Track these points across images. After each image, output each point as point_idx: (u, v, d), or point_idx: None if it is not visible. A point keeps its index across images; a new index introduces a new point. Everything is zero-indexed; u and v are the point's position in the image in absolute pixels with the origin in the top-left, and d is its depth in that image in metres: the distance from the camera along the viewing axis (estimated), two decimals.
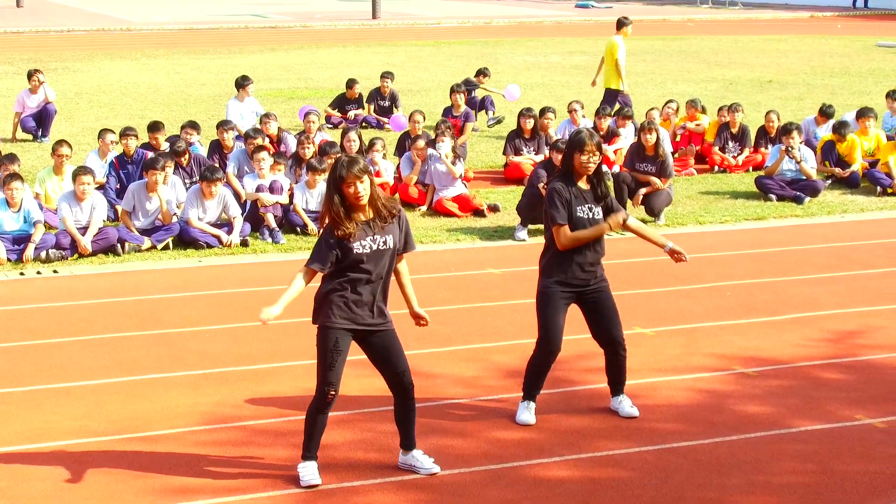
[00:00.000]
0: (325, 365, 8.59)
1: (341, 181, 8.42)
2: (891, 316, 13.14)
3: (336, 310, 8.57)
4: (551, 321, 9.82)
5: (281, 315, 8.40)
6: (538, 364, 10.01)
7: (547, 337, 9.86)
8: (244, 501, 8.51)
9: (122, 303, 14.03)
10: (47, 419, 10.18)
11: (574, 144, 9.76)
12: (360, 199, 8.46)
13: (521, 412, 10.10)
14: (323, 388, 8.61)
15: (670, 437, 9.68)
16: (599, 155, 9.73)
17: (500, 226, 17.97)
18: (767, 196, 19.80)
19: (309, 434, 8.82)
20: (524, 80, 35.15)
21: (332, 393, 8.61)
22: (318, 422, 8.78)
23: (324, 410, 8.72)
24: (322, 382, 8.62)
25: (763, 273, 15.15)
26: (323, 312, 8.62)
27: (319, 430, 8.81)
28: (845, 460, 9.19)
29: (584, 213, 9.74)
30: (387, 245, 8.61)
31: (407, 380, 8.81)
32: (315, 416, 8.76)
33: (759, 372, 11.31)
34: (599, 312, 9.92)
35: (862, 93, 31.83)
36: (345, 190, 8.44)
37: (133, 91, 32.28)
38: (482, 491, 8.67)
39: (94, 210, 16.38)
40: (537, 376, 10.06)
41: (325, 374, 8.59)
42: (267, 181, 17.70)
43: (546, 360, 9.97)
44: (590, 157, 9.69)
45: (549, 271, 9.85)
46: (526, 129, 21.39)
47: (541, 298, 9.89)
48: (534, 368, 10.04)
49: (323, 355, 8.60)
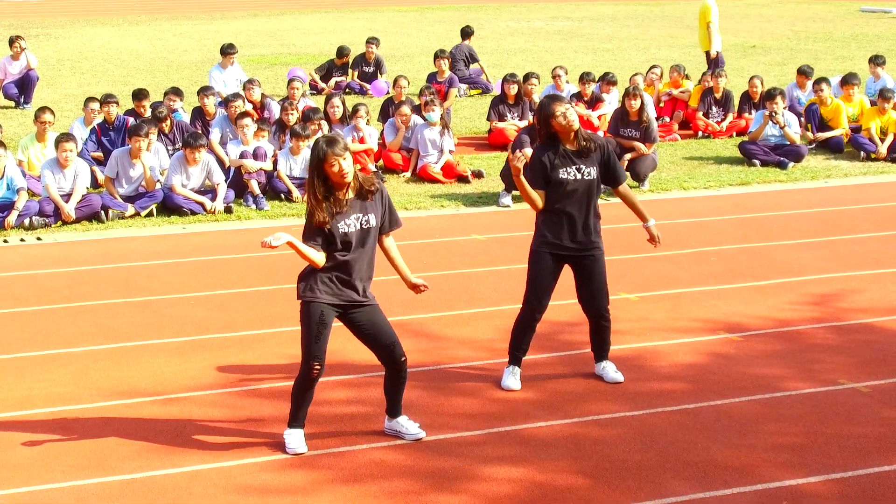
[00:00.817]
0: (309, 338, 8.57)
1: (323, 161, 8.38)
2: (874, 280, 13.18)
3: (321, 285, 8.54)
4: (538, 280, 9.82)
5: (282, 247, 8.30)
6: (523, 323, 10.00)
7: (533, 295, 9.86)
8: (230, 467, 8.51)
9: (105, 270, 14.00)
10: (31, 386, 10.16)
11: (545, 116, 9.68)
12: (344, 176, 8.42)
13: (507, 377, 10.10)
14: (309, 363, 8.60)
15: (655, 401, 9.70)
16: (571, 107, 9.67)
17: (485, 192, 17.96)
18: (751, 161, 19.82)
19: (296, 406, 8.81)
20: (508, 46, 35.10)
21: (318, 367, 8.60)
22: (306, 396, 8.77)
23: (310, 385, 8.71)
24: (308, 357, 8.60)
25: (747, 238, 15.17)
26: (308, 288, 8.59)
27: (307, 403, 8.81)
28: (829, 424, 9.22)
29: (568, 173, 9.66)
30: (370, 224, 8.58)
31: (398, 352, 8.78)
32: (302, 390, 8.75)
33: (743, 337, 11.33)
34: (587, 280, 9.90)
35: (845, 58, 31.84)
36: (328, 170, 8.40)
37: (115, 57, 32.15)
38: (468, 453, 8.68)
39: (77, 177, 16.32)
40: (522, 335, 10.04)
41: (310, 347, 8.58)
42: (251, 148, 17.65)
43: (531, 319, 9.96)
44: (564, 114, 9.61)
45: (539, 231, 9.84)
46: (510, 94, 21.36)
47: (531, 257, 9.88)
48: (519, 327, 10.04)
49: (307, 329, 8.58)
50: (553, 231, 9.76)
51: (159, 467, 8.51)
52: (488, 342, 11.20)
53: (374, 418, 9.08)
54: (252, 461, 8.61)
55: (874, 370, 10.43)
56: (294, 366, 10.48)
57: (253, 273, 13.72)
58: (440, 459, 8.63)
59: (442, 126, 18.97)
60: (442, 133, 18.92)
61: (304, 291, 8.61)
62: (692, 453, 8.69)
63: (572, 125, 9.66)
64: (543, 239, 9.80)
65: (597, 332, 10.13)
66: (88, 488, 8.19)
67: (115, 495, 8.08)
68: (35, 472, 8.44)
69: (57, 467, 8.52)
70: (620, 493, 8.09)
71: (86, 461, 8.61)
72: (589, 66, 28.34)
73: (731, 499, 7.97)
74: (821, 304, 12.32)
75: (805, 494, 8.03)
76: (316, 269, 8.56)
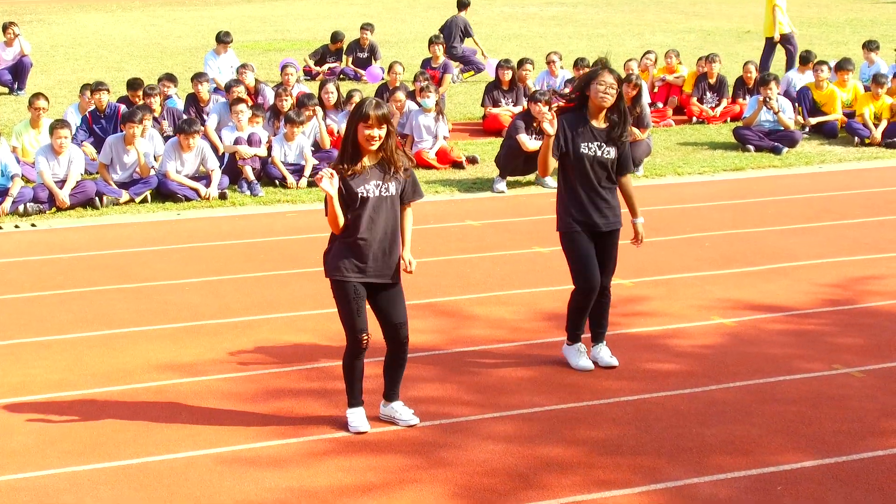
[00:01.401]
0: (350, 314, 8.58)
1: (363, 119, 8.36)
2: (868, 266, 13.19)
3: (347, 263, 8.52)
4: (584, 261, 9.81)
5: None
6: (581, 305, 9.97)
7: (583, 277, 9.84)
8: (226, 452, 8.52)
9: (100, 256, 14.01)
10: (26, 373, 10.16)
11: (589, 75, 9.71)
12: (371, 143, 8.41)
13: (578, 357, 10.10)
14: (355, 336, 8.61)
15: (650, 386, 9.72)
16: (617, 88, 9.60)
17: (479, 178, 17.97)
18: (745, 147, 19.85)
19: (350, 382, 8.81)
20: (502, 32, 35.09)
21: (366, 337, 8.63)
22: (356, 368, 8.77)
23: (359, 356, 8.71)
24: (353, 331, 8.61)
25: (741, 224, 15.19)
26: (334, 266, 8.57)
27: (359, 376, 8.81)
28: (823, 409, 9.24)
29: (589, 149, 9.65)
30: (389, 192, 8.54)
31: (403, 333, 8.79)
32: (352, 363, 8.75)
33: (737, 322, 11.35)
34: (602, 254, 9.90)
35: (839, 43, 31.86)
36: (360, 129, 8.39)
37: (109, 44, 32.12)
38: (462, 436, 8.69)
39: (71, 163, 16.32)
40: (580, 316, 10.03)
41: (354, 322, 8.59)
42: (245, 134, 17.65)
43: (588, 300, 9.93)
44: (606, 88, 9.59)
45: (566, 211, 9.81)
46: (504, 80, 21.37)
47: (566, 239, 9.87)
48: (576, 310, 10.01)
49: (345, 305, 8.59)
50: (580, 209, 9.76)
51: (155, 453, 8.52)
52: (483, 329, 11.21)
53: (370, 406, 9.08)
54: (248, 446, 8.61)
55: (868, 355, 10.44)
56: (288, 351, 10.55)
57: (247, 259, 13.72)
58: (435, 442, 8.63)
59: (436, 112, 18.96)
60: (436, 119, 18.92)
61: (333, 271, 8.61)
62: (687, 438, 8.70)
63: (604, 103, 9.63)
64: (572, 218, 9.79)
65: (596, 308, 10.10)
66: (84, 474, 8.20)
67: (111, 481, 8.09)
68: (31, 458, 8.44)
69: (53, 453, 8.53)
70: (615, 478, 8.10)
71: (82, 447, 8.62)
72: (583, 51, 28.32)
73: (726, 483, 7.99)
74: (814, 290, 12.33)
75: (799, 479, 8.05)
76: (339, 248, 8.54)
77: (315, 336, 10.99)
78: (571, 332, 10.16)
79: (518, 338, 10.92)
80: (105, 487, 8.01)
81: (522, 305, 11.84)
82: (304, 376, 9.99)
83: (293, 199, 16.73)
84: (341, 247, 8.57)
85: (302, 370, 10.13)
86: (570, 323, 10.12)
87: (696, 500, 7.76)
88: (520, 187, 17.59)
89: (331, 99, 19.42)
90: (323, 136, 18.30)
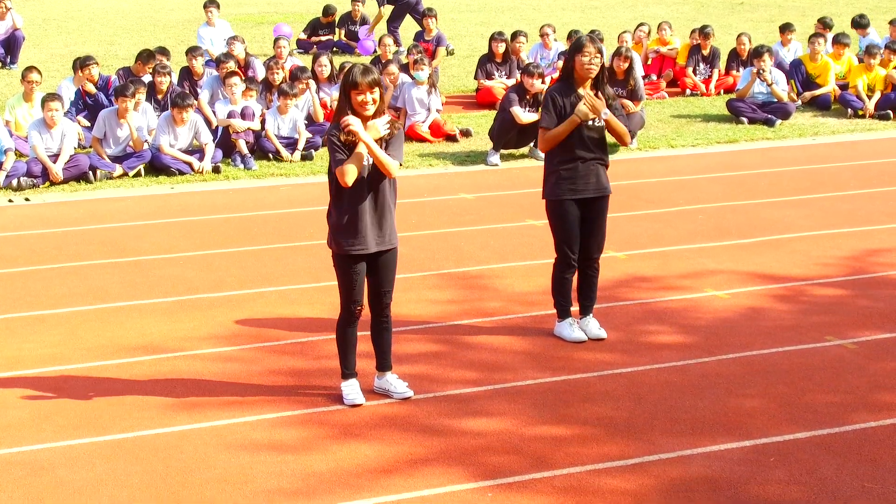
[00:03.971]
0: (347, 286, 8.69)
1: (354, 87, 8.40)
2: (861, 238, 13.21)
3: (344, 234, 8.55)
4: (568, 230, 9.88)
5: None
6: (563, 275, 10.06)
7: (566, 246, 9.93)
8: (221, 426, 8.53)
9: (94, 230, 14.01)
10: (21, 347, 10.17)
11: (574, 47, 9.75)
12: (365, 108, 8.44)
13: (570, 330, 10.14)
14: (349, 306, 8.73)
15: (643, 358, 9.74)
16: (600, 58, 9.69)
17: (473, 150, 17.97)
18: (739, 119, 19.86)
19: (343, 352, 8.88)
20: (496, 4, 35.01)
21: (359, 308, 8.75)
22: (349, 335, 8.85)
23: (352, 323, 8.80)
24: (348, 301, 8.73)
25: (735, 196, 15.21)
26: (335, 240, 8.62)
27: (352, 345, 8.87)
28: (817, 380, 9.27)
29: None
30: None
31: (387, 300, 8.86)
32: (344, 330, 8.83)
33: (731, 294, 11.37)
34: (591, 223, 9.94)
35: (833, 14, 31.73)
36: (353, 97, 8.42)
37: (101, 17, 32.02)
38: (458, 409, 8.72)
39: (64, 137, 16.30)
40: (563, 287, 10.10)
41: (349, 293, 8.70)
42: (238, 107, 17.63)
43: (569, 270, 10.03)
44: (591, 58, 9.64)
45: (556, 178, 9.84)
46: (497, 53, 21.34)
47: (554, 208, 9.92)
48: (559, 281, 10.09)
49: (343, 278, 8.69)
50: (571, 177, 9.80)
51: (150, 426, 8.54)
52: (477, 301, 11.23)
53: (364, 377, 9.10)
54: (243, 420, 8.63)
55: (861, 326, 10.47)
56: (283, 324, 10.56)
57: (241, 233, 13.72)
58: (425, 418, 8.66)
59: (429, 85, 18.95)
60: (429, 92, 18.90)
61: (332, 244, 8.67)
62: (681, 410, 8.73)
63: (590, 74, 9.68)
64: (563, 186, 9.82)
65: (584, 281, 10.15)
66: (79, 448, 8.21)
67: (107, 454, 8.10)
68: (26, 432, 8.46)
69: (48, 427, 8.54)
70: (610, 449, 8.12)
71: (77, 421, 8.64)
72: (577, 23, 28.28)
73: (720, 455, 8.02)
74: (808, 262, 12.36)
75: (792, 450, 8.08)
76: (339, 218, 8.56)
77: (309, 310, 11.01)
78: (559, 305, 10.20)
79: (512, 311, 10.94)
80: (100, 461, 8.03)
81: (516, 278, 11.85)
82: (299, 350, 10.00)
83: (287, 172, 16.73)
84: (340, 217, 8.58)
85: (296, 343, 10.14)
86: (556, 294, 10.17)
87: (690, 472, 7.79)
88: (513, 160, 17.60)
89: (324, 72, 19.40)
90: (316, 109, 18.28)
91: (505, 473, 7.80)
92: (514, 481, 7.69)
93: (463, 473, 7.80)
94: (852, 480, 7.64)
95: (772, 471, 7.79)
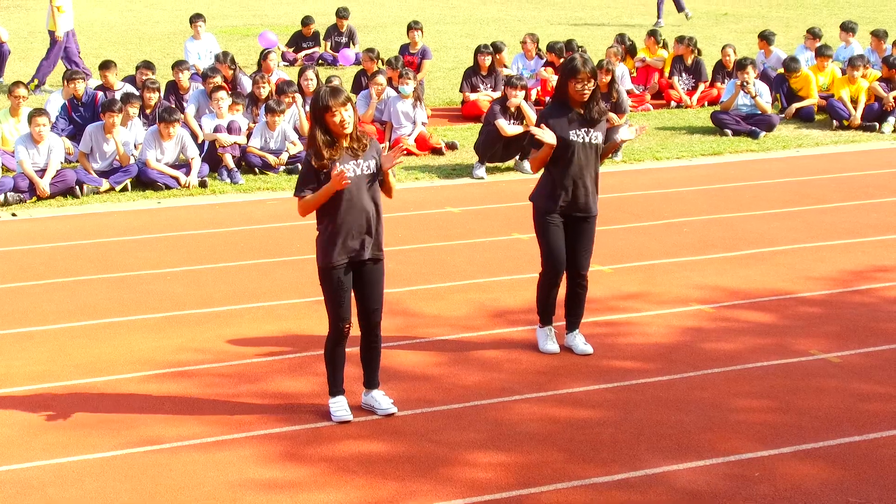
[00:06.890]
0: (334, 303, 8.74)
1: (326, 111, 8.46)
2: (846, 250, 13.29)
3: (333, 248, 8.61)
4: (555, 245, 9.96)
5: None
6: (549, 288, 10.15)
7: (554, 260, 10.01)
8: (210, 443, 8.57)
9: (81, 246, 14.02)
10: (9, 364, 10.19)
11: (567, 73, 9.80)
12: (345, 127, 8.50)
13: (545, 341, 10.26)
14: (337, 324, 8.77)
15: (629, 374, 9.79)
16: (593, 82, 9.76)
17: (459, 164, 18.02)
18: (723, 131, 19.95)
19: (331, 370, 8.93)
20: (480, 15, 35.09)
21: (347, 326, 8.78)
22: (337, 355, 8.90)
23: (340, 342, 8.84)
24: (335, 319, 8.77)
25: (719, 209, 15.27)
26: (323, 252, 8.67)
27: (340, 363, 8.93)
28: (801, 395, 9.33)
29: (577, 135, 9.80)
30: (370, 169, 8.66)
31: (376, 318, 8.91)
32: (333, 350, 8.88)
33: (716, 308, 11.43)
34: (577, 240, 10.02)
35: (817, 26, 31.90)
36: (329, 119, 8.48)
37: (87, 29, 32.00)
38: (441, 427, 8.76)
39: (51, 152, 16.31)
40: (548, 297, 10.20)
41: (337, 311, 8.75)
42: (225, 121, 17.66)
43: (555, 283, 10.12)
44: (584, 84, 9.73)
45: (546, 194, 9.95)
46: (483, 65, 21.39)
47: (542, 224, 10.00)
48: (545, 292, 10.19)
49: (329, 294, 8.74)
50: (561, 194, 9.88)
51: (139, 444, 8.57)
52: (463, 316, 11.27)
53: (351, 394, 9.14)
54: (232, 437, 8.67)
55: (845, 341, 10.54)
56: (270, 340, 10.60)
57: (228, 248, 13.75)
58: (412, 436, 8.70)
59: (415, 98, 19.00)
60: (415, 105, 18.95)
61: (320, 257, 8.72)
62: (666, 426, 8.78)
63: (583, 98, 9.77)
64: (552, 202, 9.91)
65: (572, 297, 10.23)
66: (69, 466, 8.24)
67: (96, 473, 8.13)
68: (15, 451, 8.48)
69: (36, 445, 8.57)
70: (594, 466, 8.17)
71: (65, 439, 8.66)
72: (561, 34, 28.35)
73: (705, 470, 8.07)
74: (792, 275, 12.42)
75: (777, 465, 8.14)
76: (326, 231, 8.62)
77: (296, 325, 11.04)
78: (542, 312, 10.31)
79: (497, 325, 10.98)
80: (90, 479, 8.06)
81: (502, 292, 11.90)
82: (286, 366, 10.04)
83: (273, 186, 16.76)
84: (327, 232, 8.64)
85: (284, 360, 10.18)
86: (540, 303, 10.28)
87: (675, 486, 7.84)
88: (499, 173, 17.65)
89: (310, 86, 19.42)
90: (302, 122, 18.30)
91: (491, 490, 7.85)
92: (500, 498, 7.74)
93: (449, 490, 7.84)
94: (837, 495, 7.71)
95: (756, 486, 7.84)
